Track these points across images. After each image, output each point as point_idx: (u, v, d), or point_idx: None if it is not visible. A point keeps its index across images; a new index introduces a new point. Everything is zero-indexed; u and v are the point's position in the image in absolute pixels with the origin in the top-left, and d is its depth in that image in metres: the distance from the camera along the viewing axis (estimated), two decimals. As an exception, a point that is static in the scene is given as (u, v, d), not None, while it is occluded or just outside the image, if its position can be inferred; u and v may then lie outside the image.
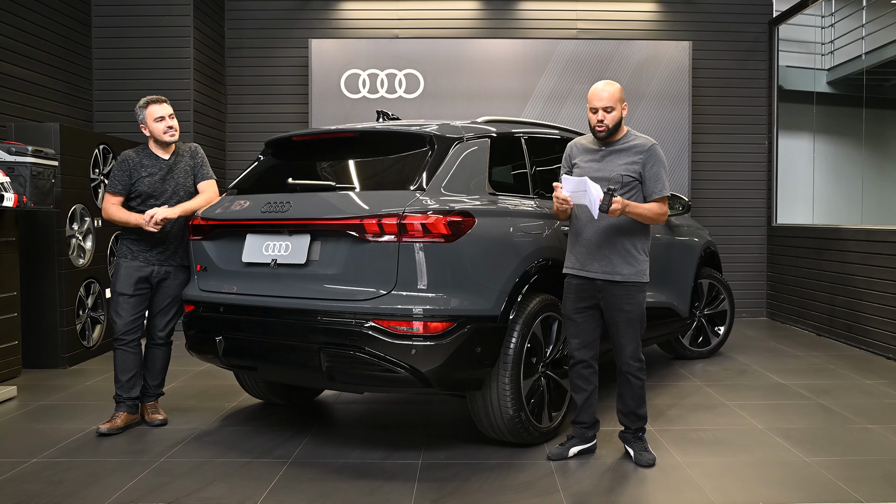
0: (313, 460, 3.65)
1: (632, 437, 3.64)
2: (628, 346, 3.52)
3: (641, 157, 3.48)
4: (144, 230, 4.08)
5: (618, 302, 3.49)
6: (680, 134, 7.94)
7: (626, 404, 3.61)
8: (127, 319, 4.11)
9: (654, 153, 3.50)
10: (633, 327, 3.51)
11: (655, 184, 3.48)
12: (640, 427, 3.63)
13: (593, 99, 3.49)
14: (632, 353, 3.53)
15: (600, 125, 3.49)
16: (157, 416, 4.26)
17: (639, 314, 3.51)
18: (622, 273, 3.47)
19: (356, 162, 3.88)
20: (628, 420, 3.63)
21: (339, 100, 7.88)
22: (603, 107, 3.46)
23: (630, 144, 3.52)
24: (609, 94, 3.47)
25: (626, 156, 3.50)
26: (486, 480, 3.35)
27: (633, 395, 3.57)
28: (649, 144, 3.52)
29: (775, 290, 8.23)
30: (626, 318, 3.49)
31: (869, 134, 7.81)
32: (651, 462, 3.53)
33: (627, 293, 3.48)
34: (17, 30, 6.12)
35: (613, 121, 3.48)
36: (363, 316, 3.37)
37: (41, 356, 5.75)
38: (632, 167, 3.48)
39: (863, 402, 4.70)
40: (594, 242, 3.51)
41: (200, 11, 7.52)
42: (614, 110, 3.47)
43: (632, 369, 3.54)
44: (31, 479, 3.40)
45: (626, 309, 3.49)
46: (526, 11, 8.31)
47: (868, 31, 7.58)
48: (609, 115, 3.47)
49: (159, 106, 4.15)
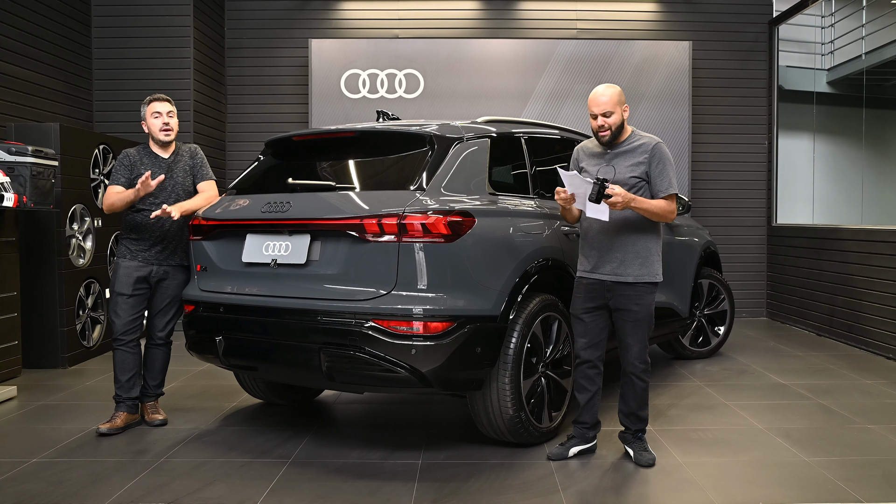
0: (313, 460, 3.65)
1: (631, 438, 3.64)
2: (635, 346, 3.51)
3: (647, 156, 3.48)
4: (144, 229, 4.09)
5: (626, 302, 3.48)
6: (680, 134, 7.94)
7: (628, 405, 3.60)
8: (125, 319, 4.11)
9: (659, 151, 3.49)
10: (640, 328, 3.50)
11: (661, 181, 3.47)
12: (640, 428, 3.63)
13: (592, 105, 3.49)
14: (637, 353, 3.52)
15: (602, 130, 3.49)
16: (157, 416, 4.26)
17: (647, 315, 3.50)
18: (634, 273, 3.46)
19: (356, 162, 3.88)
20: (629, 421, 3.63)
21: (339, 100, 7.88)
22: (602, 112, 3.46)
23: (635, 145, 3.52)
24: (608, 99, 3.46)
25: (632, 157, 3.50)
26: (486, 480, 3.35)
27: (636, 397, 3.56)
28: (654, 143, 3.51)
29: (775, 290, 8.23)
30: (635, 318, 3.48)
31: (869, 134, 7.81)
32: (651, 462, 3.53)
33: (637, 293, 3.47)
34: (17, 30, 6.12)
35: (615, 124, 3.48)
36: (363, 316, 3.37)
37: (41, 356, 5.75)
38: (638, 168, 3.47)
39: (863, 402, 4.70)
40: (605, 243, 3.51)
41: (200, 11, 7.52)
42: (614, 114, 3.47)
43: (636, 370, 3.53)
44: (31, 479, 3.40)
45: (635, 309, 3.47)
46: (526, 11, 8.31)
47: (868, 31, 7.58)
48: (609, 120, 3.47)
49: (160, 103, 4.18)
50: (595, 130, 3.53)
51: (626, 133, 3.56)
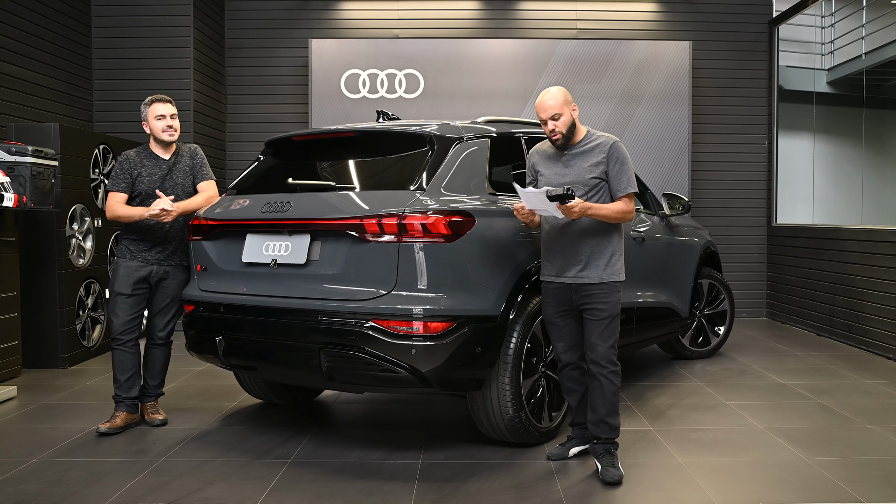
0: (313, 460, 3.65)
1: (601, 450, 3.42)
2: (599, 345, 3.41)
3: (604, 156, 3.42)
4: (144, 229, 4.10)
5: (593, 302, 3.41)
6: (680, 134, 7.94)
7: (597, 411, 3.43)
8: (124, 319, 4.11)
9: (617, 150, 3.42)
10: (605, 326, 3.40)
11: (620, 181, 3.41)
12: (610, 439, 3.44)
13: (539, 111, 3.44)
14: (603, 353, 3.41)
15: (554, 134, 3.43)
16: (156, 416, 4.26)
17: (612, 314, 3.42)
18: (598, 275, 3.41)
19: (356, 162, 3.88)
20: (598, 430, 3.44)
21: (339, 100, 7.88)
22: (550, 116, 3.40)
23: (592, 145, 3.46)
24: (554, 103, 3.40)
25: (590, 157, 3.44)
26: (486, 480, 3.35)
27: (605, 401, 3.42)
28: (611, 142, 3.45)
29: (775, 290, 8.23)
30: (600, 316, 3.40)
31: (869, 134, 7.81)
32: (618, 479, 3.30)
33: (603, 292, 3.41)
34: (17, 30, 6.12)
35: (565, 125, 3.42)
36: (363, 316, 3.37)
37: (41, 356, 5.75)
38: (596, 168, 3.42)
39: (863, 402, 4.70)
40: (568, 247, 3.45)
41: (200, 11, 7.52)
42: (563, 115, 3.41)
43: (603, 371, 3.41)
44: (31, 479, 3.40)
45: (601, 308, 3.40)
46: (526, 11, 8.31)
47: (868, 31, 7.58)
48: (559, 122, 3.41)
49: (163, 105, 4.18)
50: (548, 134, 3.48)
51: (581, 133, 3.50)
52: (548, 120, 3.43)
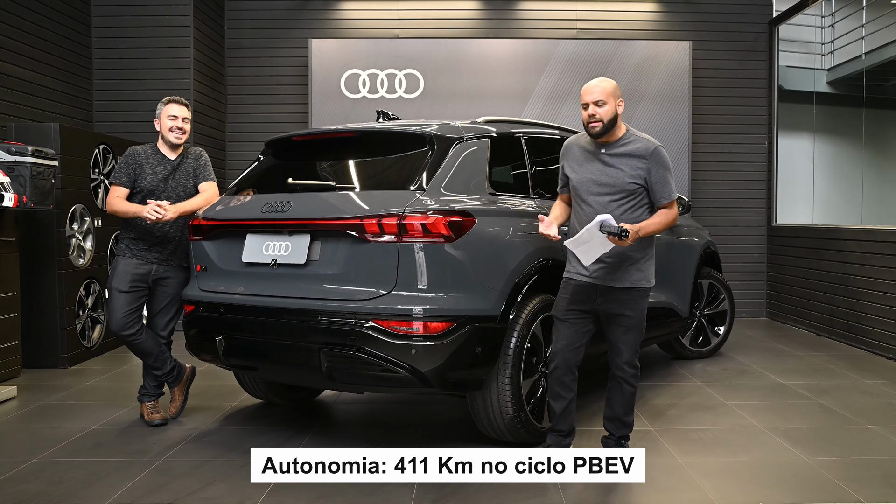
0: (313, 460, 3.64)
1: (613, 444, 3.52)
2: (626, 351, 3.41)
3: (646, 162, 3.31)
4: (143, 229, 4.10)
5: (620, 307, 3.36)
6: (680, 134, 7.94)
7: (614, 410, 3.49)
8: (120, 315, 4.09)
9: (659, 157, 3.31)
10: (632, 333, 3.40)
11: (663, 189, 3.32)
12: (623, 435, 3.53)
13: (585, 94, 3.32)
14: (628, 358, 3.42)
15: (593, 120, 3.28)
16: (156, 415, 4.26)
17: (639, 320, 3.40)
18: (630, 279, 3.35)
19: (356, 162, 3.88)
20: (613, 426, 3.52)
21: (339, 100, 7.88)
22: (594, 101, 3.26)
23: (632, 148, 3.33)
24: (601, 89, 3.28)
25: (630, 161, 3.32)
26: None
27: (623, 402, 3.46)
28: (653, 147, 3.32)
29: (775, 290, 8.23)
30: (628, 323, 3.37)
31: (869, 134, 7.81)
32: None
33: (631, 298, 3.37)
34: (17, 30, 6.12)
35: (607, 115, 3.27)
36: (363, 316, 3.37)
37: (41, 356, 5.74)
38: (637, 174, 3.32)
39: (863, 402, 4.70)
40: None
41: (200, 11, 7.52)
42: (607, 105, 3.26)
43: (626, 375, 3.43)
44: (31, 479, 3.40)
45: (629, 314, 3.37)
46: (526, 11, 8.31)
47: (868, 31, 7.58)
48: (601, 110, 3.26)
49: (178, 107, 4.21)
50: (585, 122, 3.31)
51: (621, 130, 3.36)
52: (590, 104, 3.27)
